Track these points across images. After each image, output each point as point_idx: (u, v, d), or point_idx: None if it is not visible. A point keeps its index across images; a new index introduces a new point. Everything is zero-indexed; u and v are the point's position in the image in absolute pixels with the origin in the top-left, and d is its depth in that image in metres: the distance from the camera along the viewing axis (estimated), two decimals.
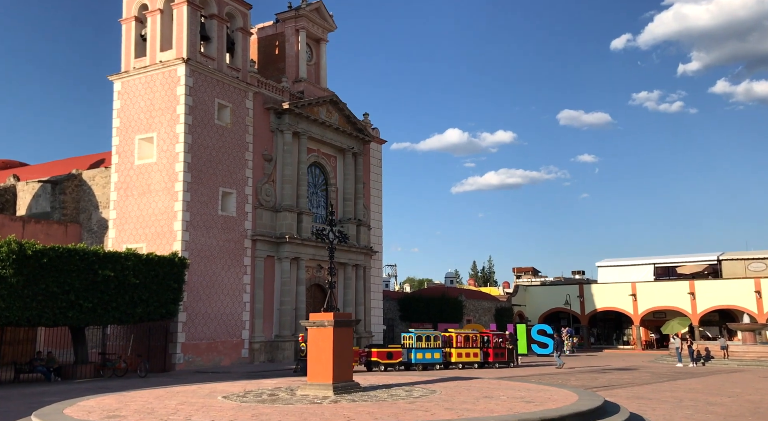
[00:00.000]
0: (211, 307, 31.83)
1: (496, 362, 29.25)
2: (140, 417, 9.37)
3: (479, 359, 28.71)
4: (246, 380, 20.08)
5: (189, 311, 30.40)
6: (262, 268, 35.15)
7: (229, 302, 32.93)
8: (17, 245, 21.94)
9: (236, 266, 33.56)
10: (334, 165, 41.65)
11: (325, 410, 9.61)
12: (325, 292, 41.40)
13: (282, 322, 35.55)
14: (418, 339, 27.61)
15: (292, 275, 36.42)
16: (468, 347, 28.83)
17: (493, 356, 29.40)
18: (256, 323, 34.27)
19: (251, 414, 9.36)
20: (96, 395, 13.40)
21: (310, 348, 12.29)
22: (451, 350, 28.36)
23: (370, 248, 42.70)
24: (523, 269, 79.65)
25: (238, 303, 33.57)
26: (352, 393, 11.95)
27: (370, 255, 42.87)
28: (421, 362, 27.14)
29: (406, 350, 27.48)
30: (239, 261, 33.82)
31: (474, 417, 8.53)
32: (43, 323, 23.41)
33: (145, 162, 32.10)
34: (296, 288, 36.67)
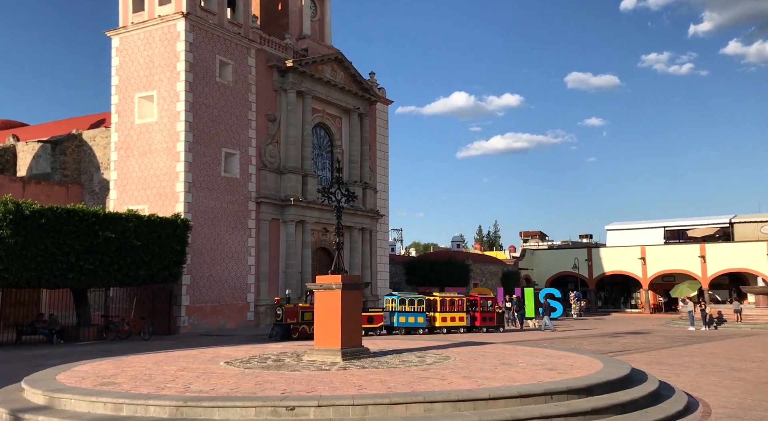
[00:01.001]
0: (216, 270, 31.33)
1: (483, 327, 28.00)
2: (135, 385, 8.76)
3: (465, 324, 27.38)
4: (250, 344, 19.60)
5: (193, 273, 29.91)
6: (267, 231, 34.54)
7: (233, 265, 32.42)
8: (14, 204, 21.29)
9: (240, 229, 32.94)
10: (340, 126, 40.60)
11: (333, 377, 8.98)
12: (331, 256, 41.03)
13: (288, 285, 35.07)
14: (401, 302, 26.38)
15: (297, 238, 35.82)
16: (453, 310, 27.50)
17: (481, 321, 28.06)
18: (261, 287, 33.84)
19: (254, 382, 8.74)
20: (94, 359, 12.87)
21: (317, 312, 11.64)
22: (435, 314, 27.08)
23: (376, 211, 41.98)
24: (530, 233, 79.00)
25: (243, 266, 33.07)
26: (361, 359, 11.35)
27: (376, 218, 42.18)
28: (404, 325, 25.95)
29: (389, 313, 26.31)
30: (243, 224, 33.18)
31: (495, 387, 7.87)
32: (43, 284, 22.94)
33: (145, 121, 31.17)
34: (302, 251, 36.12)
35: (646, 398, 8.33)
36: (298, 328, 23.62)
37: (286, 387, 8.19)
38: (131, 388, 8.49)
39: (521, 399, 7.50)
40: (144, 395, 7.82)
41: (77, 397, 8.01)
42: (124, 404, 7.64)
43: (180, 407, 7.38)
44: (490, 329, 28.28)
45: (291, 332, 23.18)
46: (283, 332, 23.08)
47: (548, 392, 7.71)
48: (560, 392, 7.79)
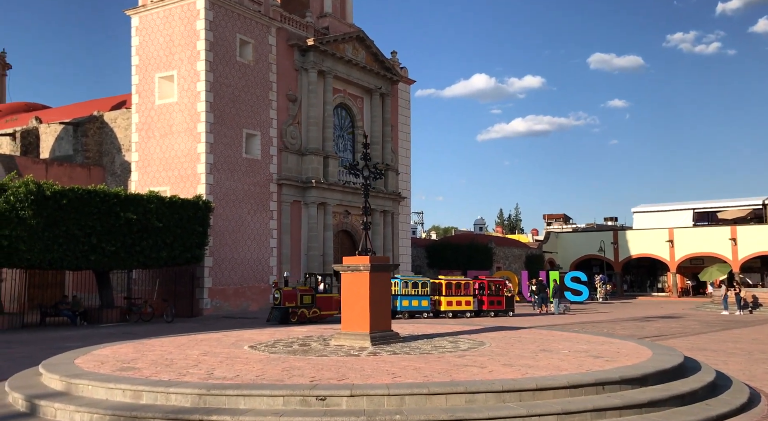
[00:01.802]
0: (238, 252, 31.06)
1: (491, 311, 26.95)
2: (156, 370, 8.32)
3: (472, 308, 26.35)
4: (275, 326, 19.25)
5: (215, 255, 29.67)
6: (289, 213, 34.16)
7: (255, 247, 32.12)
8: (35, 185, 21.07)
9: (262, 211, 32.58)
10: (361, 106, 39.87)
11: (364, 364, 8.44)
12: (353, 238, 40.59)
13: (309, 268, 34.71)
14: (405, 285, 25.36)
15: (319, 221, 35.39)
16: (459, 294, 26.44)
17: (488, 304, 27.00)
18: (283, 269, 33.50)
19: (281, 368, 8.24)
20: (115, 342, 12.53)
21: (344, 294, 11.10)
22: (440, 298, 25.97)
23: (398, 193, 41.35)
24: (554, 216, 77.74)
25: (265, 248, 32.76)
26: (391, 344, 10.81)
27: (398, 201, 41.56)
28: (407, 309, 24.92)
29: (392, 296, 25.87)
30: (265, 206, 32.81)
31: (541, 376, 7.26)
32: (65, 266, 22.80)
33: (165, 102, 30.79)
34: (323, 234, 35.70)
35: (704, 389, 7.67)
36: (297, 312, 22.90)
37: (314, 374, 7.67)
38: (151, 374, 8.05)
39: (570, 390, 6.89)
40: (164, 382, 7.36)
41: (94, 383, 7.59)
42: (143, 392, 7.20)
43: (203, 395, 6.90)
44: (499, 313, 27.36)
45: (289, 316, 22.46)
46: (281, 316, 22.35)
47: (600, 382, 7.08)
48: (613, 383, 7.16)
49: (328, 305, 24.32)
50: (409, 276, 27.03)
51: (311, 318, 23.17)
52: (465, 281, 27.30)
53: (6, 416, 7.43)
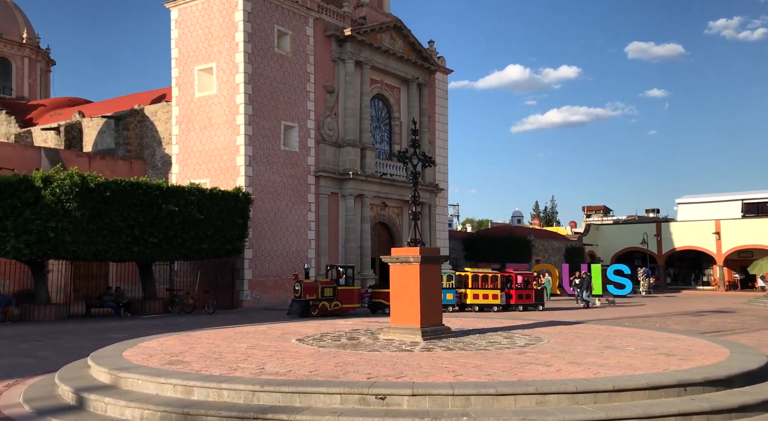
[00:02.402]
0: (277, 244, 31.04)
1: (519, 305, 25.95)
2: (206, 364, 8.08)
3: (500, 302, 25.46)
4: (317, 319, 19.04)
5: (255, 247, 29.69)
6: (326, 205, 33.99)
7: (294, 239, 32.06)
8: (80, 177, 21.28)
9: (300, 203, 32.47)
10: (398, 97, 39.38)
11: (420, 360, 8.04)
12: (390, 230, 40.24)
13: (347, 260, 34.53)
14: None
15: (356, 213, 35.14)
16: (486, 287, 25.46)
17: (516, 298, 26.01)
18: (321, 261, 33.38)
19: (334, 363, 7.91)
20: (160, 334, 12.43)
21: (393, 287, 10.73)
22: (466, 291, 25.17)
23: (435, 185, 40.82)
24: (594, 208, 75.98)
25: (303, 240, 32.67)
26: (443, 339, 10.40)
27: (435, 193, 41.03)
28: None
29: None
30: (303, 198, 32.69)
31: (617, 376, 6.74)
32: (109, 257, 23.03)
33: (205, 94, 30.87)
34: (361, 226, 35.44)
35: None
36: (318, 304, 22.29)
37: (370, 371, 7.31)
38: (201, 368, 7.81)
39: (650, 391, 6.37)
40: (216, 377, 7.10)
41: (144, 377, 7.39)
42: (195, 387, 6.95)
43: (256, 392, 6.61)
44: (528, 307, 26.28)
45: (310, 309, 21.89)
46: (301, 309, 21.75)
47: (682, 383, 6.53)
48: (696, 384, 6.61)
49: (350, 297, 23.71)
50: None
51: (332, 311, 22.58)
52: (492, 273, 26.39)
53: (55, 409, 7.29)
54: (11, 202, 20.27)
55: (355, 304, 23.73)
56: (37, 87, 48.80)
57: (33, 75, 48.62)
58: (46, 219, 20.61)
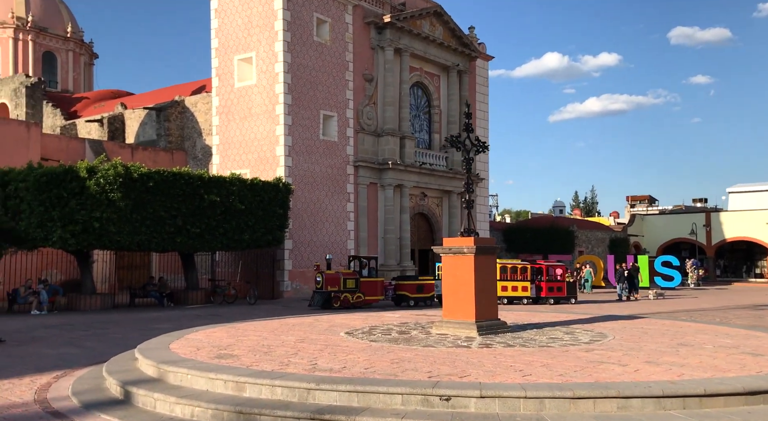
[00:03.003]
0: (316, 235, 30.84)
1: (550, 298, 24.80)
2: (256, 358, 7.74)
3: (530, 294, 24.39)
4: (361, 311, 18.69)
5: (295, 238, 29.55)
6: (365, 195, 33.63)
7: (333, 229, 31.82)
8: (123, 168, 21.36)
9: (339, 193, 32.19)
10: (438, 85, 38.67)
11: (481, 357, 7.55)
12: (430, 221, 39.69)
13: (387, 251, 34.20)
14: None
15: (395, 203, 34.69)
16: (515, 279, 24.40)
17: (547, 291, 24.81)
18: (361, 252, 33.07)
19: (389, 360, 7.47)
20: (206, 326, 12.23)
21: (445, 279, 10.24)
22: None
23: (476, 174, 39.96)
24: (638, 198, 73.78)
25: (343, 231, 32.41)
26: (499, 334, 9.88)
27: (476, 182, 40.21)
28: None
29: (440, 281, 23.79)
30: (342, 188, 32.39)
31: (708, 379, 6.12)
32: (152, 248, 23.14)
33: (245, 84, 30.77)
34: (400, 217, 34.98)
35: None
36: (340, 296, 21.65)
37: (429, 368, 6.86)
38: (252, 362, 7.48)
39: (746, 397, 5.76)
40: (268, 374, 6.75)
41: (194, 372, 7.09)
42: (246, 384, 6.61)
43: (312, 390, 6.23)
44: (561, 300, 25.00)
45: (332, 301, 21.33)
46: (323, 301, 21.25)
47: None
48: None
49: (373, 289, 22.90)
50: None
51: (355, 304, 21.90)
52: (522, 265, 25.23)
53: (102, 404, 7.07)
54: (57, 192, 20.47)
55: (379, 296, 23.06)
56: (81, 80, 49.69)
57: (77, 68, 49.50)
58: (91, 209, 20.77)
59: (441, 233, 38.35)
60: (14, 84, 40.19)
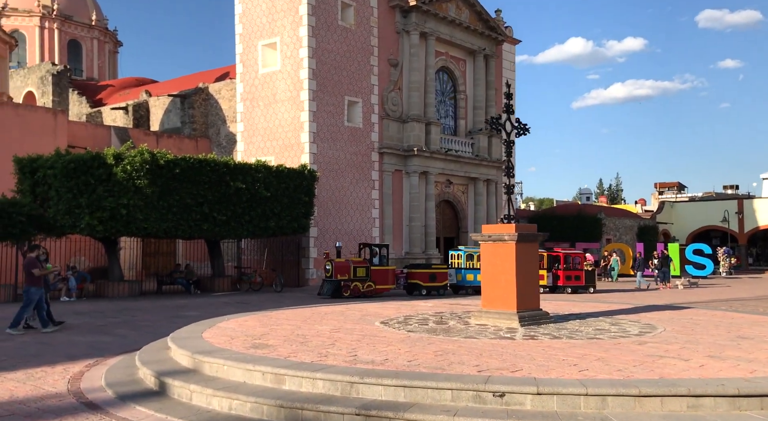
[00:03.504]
0: (341, 222, 30.61)
1: (568, 287, 24.07)
2: (293, 349, 7.47)
3: (546, 283, 23.35)
4: (391, 300, 18.40)
5: (320, 225, 29.35)
6: (390, 183, 33.26)
7: (358, 217, 31.55)
8: (150, 154, 21.26)
9: (364, 181, 31.87)
10: (464, 69, 38.00)
11: (529, 350, 7.18)
12: (455, 208, 39.20)
13: (412, 239, 33.86)
14: (469, 258, 22.74)
15: (420, 191, 34.28)
16: None
17: (564, 280, 24.13)
18: (385, 240, 32.80)
19: (432, 352, 7.14)
20: (236, 314, 12.02)
21: (485, 268, 9.85)
22: None
23: (502, 161, 39.31)
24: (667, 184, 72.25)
25: (368, 219, 32.13)
26: (541, 325, 9.48)
27: (501, 169, 39.54)
28: (472, 284, 22.15)
29: (454, 270, 22.81)
30: (367, 175, 32.06)
31: None
32: (179, 235, 23.09)
33: (269, 70, 30.50)
34: (425, 204, 34.58)
35: None
36: (350, 285, 21.00)
37: (477, 362, 6.50)
38: (289, 353, 7.20)
39: None
40: (308, 366, 6.45)
41: (231, 363, 6.83)
42: (286, 376, 6.32)
43: (355, 383, 5.92)
44: (579, 289, 24.27)
45: (342, 290, 20.72)
46: (333, 290, 20.62)
47: None
48: None
49: (384, 278, 22.22)
50: (473, 248, 23.92)
51: (365, 292, 21.31)
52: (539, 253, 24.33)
53: (137, 395, 6.85)
54: (85, 179, 20.46)
55: (390, 285, 22.43)
56: (105, 68, 49.92)
57: (102, 56, 49.72)
58: (118, 196, 20.74)
59: (466, 221, 37.89)
60: (41, 72, 40.45)
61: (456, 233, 37.79)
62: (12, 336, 12.00)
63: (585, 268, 25.10)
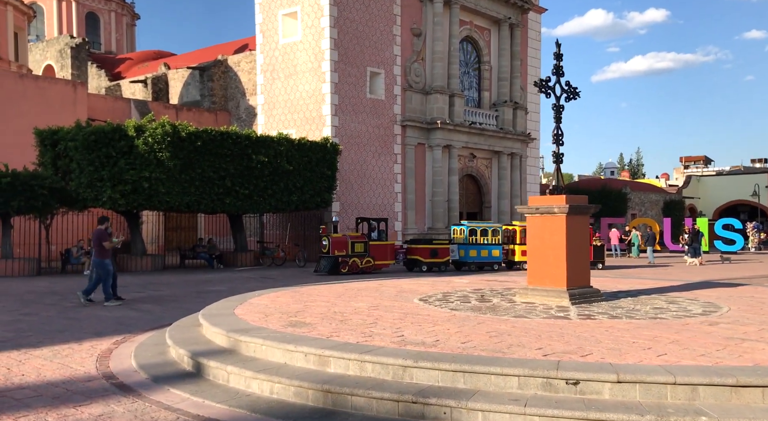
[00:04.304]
0: (363, 197, 30.08)
1: None
2: (333, 328, 6.98)
3: None
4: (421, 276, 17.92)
5: (342, 200, 28.85)
6: (413, 156, 32.57)
7: (380, 192, 30.98)
8: (171, 127, 20.80)
9: (386, 154, 31.21)
10: (488, 39, 36.86)
11: (592, 331, 6.61)
12: (479, 183, 38.40)
13: (434, 214, 33.28)
14: (472, 233, 21.88)
15: (444, 165, 33.55)
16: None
17: None
18: (408, 215, 32.28)
19: (485, 333, 6.60)
20: (266, 290, 11.58)
21: (531, 242, 9.25)
22: (514, 247, 22.46)
23: (527, 134, 38.39)
24: (693, 158, 70.49)
25: (390, 193, 31.55)
26: (593, 303, 8.89)
27: (526, 142, 38.66)
28: (476, 260, 21.53)
29: (456, 246, 22.03)
30: (389, 149, 31.39)
31: None
32: (202, 209, 22.72)
33: (289, 40, 29.74)
34: (448, 178, 33.88)
35: None
36: (348, 261, 20.17)
37: (538, 344, 5.95)
38: (330, 333, 6.71)
39: None
40: (355, 347, 5.95)
41: (270, 343, 6.35)
42: (331, 358, 5.83)
43: (408, 367, 5.41)
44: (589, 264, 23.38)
45: (339, 266, 19.89)
46: (330, 266, 19.79)
47: None
48: None
49: (383, 254, 21.42)
50: (477, 222, 23.22)
51: (364, 269, 20.56)
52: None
53: (171, 377, 6.43)
54: (106, 151, 20.07)
55: (389, 260, 21.66)
56: (123, 41, 49.39)
57: (120, 29, 49.16)
58: (140, 169, 20.35)
59: (490, 196, 37.15)
60: (59, 45, 40.02)
61: (479, 208, 37.10)
62: (81, 307, 12.19)
63: (593, 242, 24.29)
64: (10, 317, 10.91)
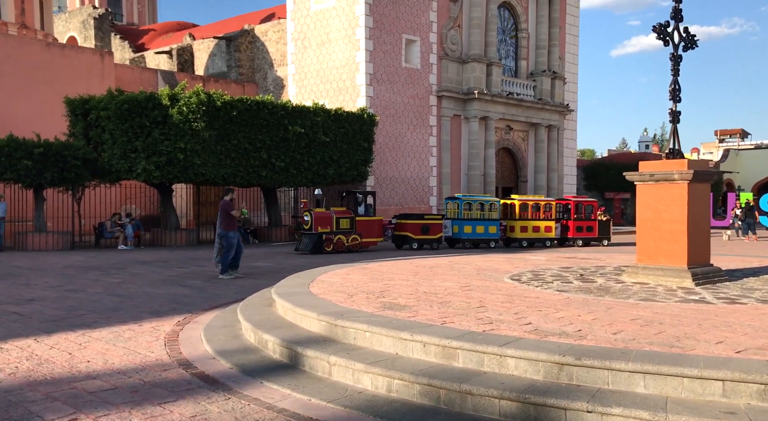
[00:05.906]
0: (398, 170, 28.99)
1: (578, 239, 21.80)
2: (440, 312, 5.98)
3: (554, 235, 21.28)
4: (473, 252, 16.88)
5: (377, 174, 27.80)
6: (449, 128, 31.33)
7: (415, 165, 29.86)
8: (206, 95, 19.76)
9: (422, 126, 30.00)
10: (526, 5, 35.18)
11: (762, 319, 5.51)
12: (515, 156, 36.98)
13: (470, 188, 32.11)
14: (467, 207, 20.55)
15: (480, 137, 32.27)
16: (538, 218, 21.30)
17: (575, 231, 21.74)
18: (443, 189, 31.16)
19: (628, 320, 5.55)
20: (326, 266, 10.58)
21: (642, 214, 8.11)
22: (513, 223, 21.17)
23: (565, 105, 36.86)
24: (729, 132, 68.09)
25: (425, 167, 30.42)
26: (717, 283, 7.80)
27: (564, 114, 37.13)
28: (470, 237, 20.17)
29: (450, 221, 20.53)
30: (425, 120, 30.16)
31: None
32: (237, 182, 21.76)
33: (322, 7, 28.41)
34: (485, 152, 32.62)
35: None
36: (333, 239, 18.55)
37: (709, 337, 4.89)
38: (440, 318, 5.70)
39: None
40: (491, 338, 4.92)
41: (377, 329, 5.36)
42: (459, 350, 4.81)
43: (566, 365, 4.37)
44: (591, 241, 22.05)
45: (323, 244, 18.27)
46: (313, 245, 18.09)
47: None
48: None
49: (371, 230, 19.85)
50: (471, 196, 21.76)
51: (350, 247, 18.98)
52: (545, 201, 22.02)
53: (262, 367, 5.48)
54: (140, 121, 19.14)
55: (378, 238, 20.20)
56: (145, 12, 48.22)
57: (141, 0, 47.95)
58: (174, 140, 19.41)
59: (526, 170, 35.86)
60: (82, 16, 39.00)
61: (515, 183, 35.83)
62: (128, 283, 11.41)
63: (599, 218, 22.88)
64: (56, 293, 10.08)
